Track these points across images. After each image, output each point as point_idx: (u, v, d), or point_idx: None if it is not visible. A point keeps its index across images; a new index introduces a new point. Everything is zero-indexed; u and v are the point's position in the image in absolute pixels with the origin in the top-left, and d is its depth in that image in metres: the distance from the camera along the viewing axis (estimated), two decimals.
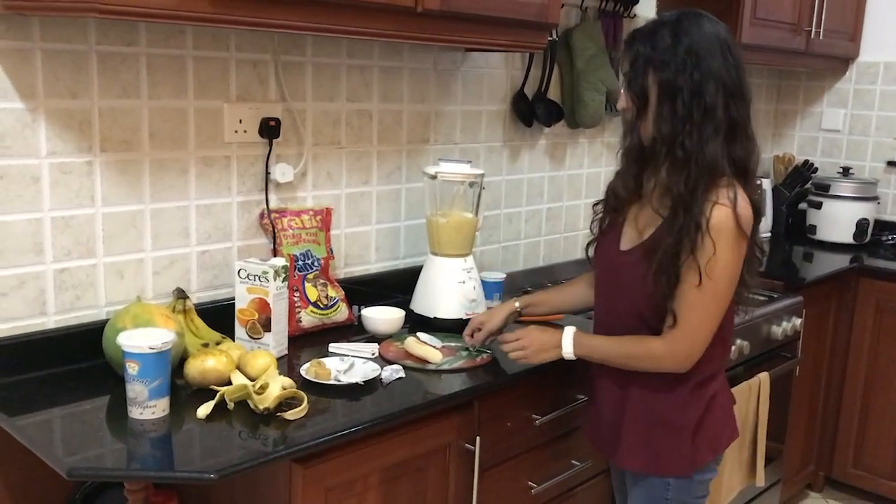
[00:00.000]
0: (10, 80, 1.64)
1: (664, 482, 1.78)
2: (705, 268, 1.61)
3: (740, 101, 1.64)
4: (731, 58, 1.63)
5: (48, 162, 1.71)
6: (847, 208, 3.50)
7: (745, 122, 1.65)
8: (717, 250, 1.60)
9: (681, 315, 1.65)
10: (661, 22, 1.67)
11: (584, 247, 1.92)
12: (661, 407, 1.75)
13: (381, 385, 1.76)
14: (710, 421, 1.77)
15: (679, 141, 1.62)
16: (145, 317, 1.69)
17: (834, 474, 3.39)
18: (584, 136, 2.94)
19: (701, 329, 1.66)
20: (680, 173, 1.63)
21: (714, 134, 1.62)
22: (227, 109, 1.97)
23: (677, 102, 1.62)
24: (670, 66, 1.61)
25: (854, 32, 3.64)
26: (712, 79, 1.61)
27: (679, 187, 1.63)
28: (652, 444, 1.77)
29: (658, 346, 1.69)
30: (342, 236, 2.27)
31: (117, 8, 1.42)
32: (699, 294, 1.63)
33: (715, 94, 1.61)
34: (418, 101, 2.39)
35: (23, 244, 1.71)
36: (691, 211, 1.61)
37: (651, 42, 1.64)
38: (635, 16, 2.91)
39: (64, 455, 1.42)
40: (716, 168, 1.62)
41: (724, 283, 1.64)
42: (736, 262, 1.64)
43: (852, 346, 3.26)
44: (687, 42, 1.61)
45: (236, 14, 1.57)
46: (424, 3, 1.83)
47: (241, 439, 1.52)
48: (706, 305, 1.65)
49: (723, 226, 1.61)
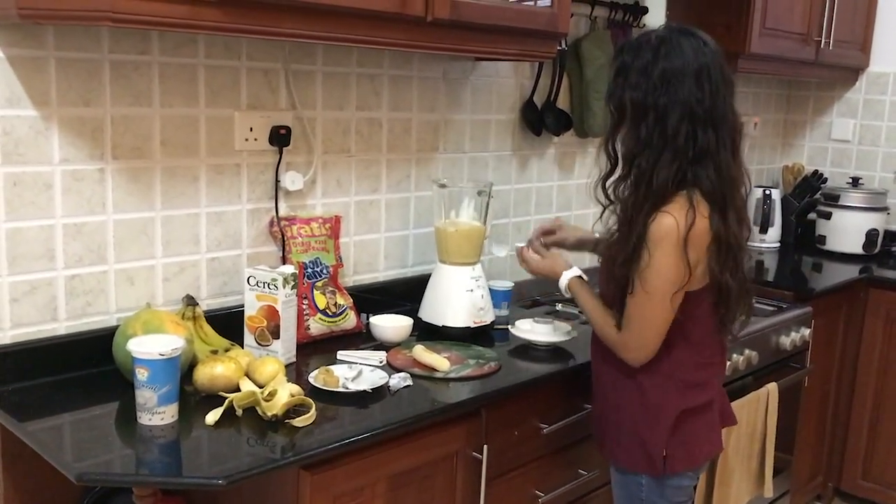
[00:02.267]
0: (23, 88, 1.66)
1: (637, 480, 1.82)
2: (639, 276, 1.67)
3: (711, 128, 1.64)
4: (707, 85, 1.64)
5: (61, 169, 1.73)
6: (857, 219, 3.49)
7: (715, 150, 1.65)
8: (651, 258, 1.65)
9: (625, 317, 1.74)
10: (647, 38, 1.69)
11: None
12: (643, 402, 1.78)
13: (388, 393, 1.76)
14: (689, 430, 1.79)
15: (636, 162, 1.68)
16: (155, 323, 1.70)
17: (843, 486, 3.37)
18: (593, 146, 2.94)
19: (640, 330, 1.73)
20: (630, 193, 1.70)
21: (671, 160, 1.64)
22: (237, 117, 1.98)
23: (642, 125, 1.66)
24: (642, 87, 1.66)
25: (864, 42, 3.64)
26: (679, 106, 1.63)
27: (626, 206, 1.70)
28: (628, 440, 1.81)
29: (614, 335, 1.78)
30: (351, 244, 2.28)
31: (130, 17, 1.44)
32: (634, 301, 1.70)
33: (679, 122, 1.63)
34: (428, 109, 2.40)
35: (35, 250, 1.72)
36: (632, 229, 1.67)
37: (633, 57, 1.68)
38: (644, 25, 2.91)
39: (73, 460, 1.43)
40: (664, 193, 1.65)
41: (660, 289, 1.67)
42: (674, 269, 1.66)
43: (861, 357, 3.25)
44: (662, 66, 1.64)
45: (248, 23, 1.58)
46: (434, 12, 1.84)
47: (250, 446, 1.52)
48: (641, 309, 1.71)
49: (663, 233, 1.64)
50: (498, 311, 2.30)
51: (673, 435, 1.77)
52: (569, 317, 2.42)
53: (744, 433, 2.44)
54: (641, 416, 1.79)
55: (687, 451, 1.80)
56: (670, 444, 1.77)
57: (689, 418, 1.79)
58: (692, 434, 1.80)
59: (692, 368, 1.79)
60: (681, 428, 1.78)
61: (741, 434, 2.43)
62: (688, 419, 1.79)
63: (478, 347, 2.07)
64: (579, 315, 2.46)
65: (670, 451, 1.78)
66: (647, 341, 1.73)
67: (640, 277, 1.67)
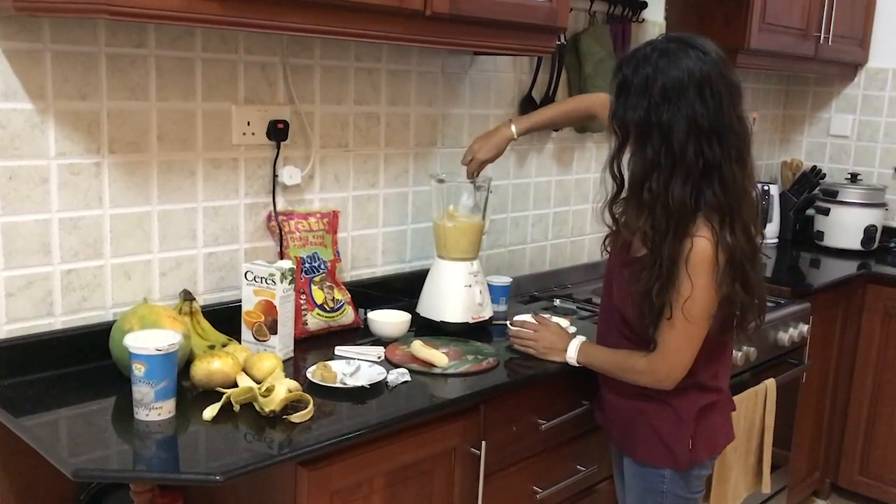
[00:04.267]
0: (19, 81, 1.65)
1: (660, 474, 1.83)
2: (681, 305, 1.65)
3: (716, 141, 1.61)
4: (709, 96, 1.60)
5: (57, 163, 1.72)
6: (855, 215, 3.49)
7: (720, 164, 1.62)
8: (694, 287, 1.64)
9: (660, 341, 1.72)
10: (646, 53, 1.65)
11: (603, 239, 1.90)
12: (662, 404, 1.79)
13: (386, 388, 1.76)
14: (709, 423, 1.82)
15: (647, 185, 1.64)
16: (152, 318, 1.69)
17: (840, 482, 3.38)
18: (591, 141, 2.93)
19: (679, 355, 1.72)
20: (641, 214, 1.66)
21: (684, 178, 1.62)
22: (235, 111, 1.97)
23: (647, 146, 1.63)
24: (644, 105, 1.62)
25: (863, 38, 3.64)
26: (683, 121, 1.60)
27: (646, 228, 1.66)
28: (648, 437, 1.82)
29: (641, 363, 1.76)
30: (349, 239, 2.27)
31: (127, 9, 1.43)
32: (674, 329, 1.69)
33: (685, 137, 1.60)
34: (426, 104, 2.39)
35: (31, 245, 1.71)
36: (662, 251, 1.65)
37: (633, 72, 1.65)
38: (644, 20, 2.91)
39: (69, 456, 1.42)
40: (684, 212, 1.63)
41: (702, 315, 1.67)
42: (711, 292, 1.65)
43: (859, 353, 3.25)
44: (662, 81, 1.61)
45: (245, 16, 1.57)
46: (433, 6, 1.83)
47: (247, 441, 1.52)
48: (680, 336, 1.70)
49: (703, 258, 1.63)
50: (496, 307, 2.29)
51: (695, 431, 1.79)
52: (567, 312, 2.42)
53: (742, 429, 2.44)
54: (661, 416, 1.80)
55: (709, 441, 1.83)
56: (694, 440, 1.79)
57: (707, 414, 1.81)
58: (711, 426, 1.83)
59: (708, 371, 1.80)
60: (701, 423, 1.80)
61: (739, 430, 2.42)
62: (706, 415, 1.81)
63: (476, 343, 2.06)
64: (577, 310, 2.47)
65: (694, 445, 1.80)
66: (683, 365, 1.73)
67: (682, 307, 1.65)
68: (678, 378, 1.74)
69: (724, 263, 1.65)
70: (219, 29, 1.81)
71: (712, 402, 1.82)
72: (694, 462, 1.81)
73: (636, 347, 1.78)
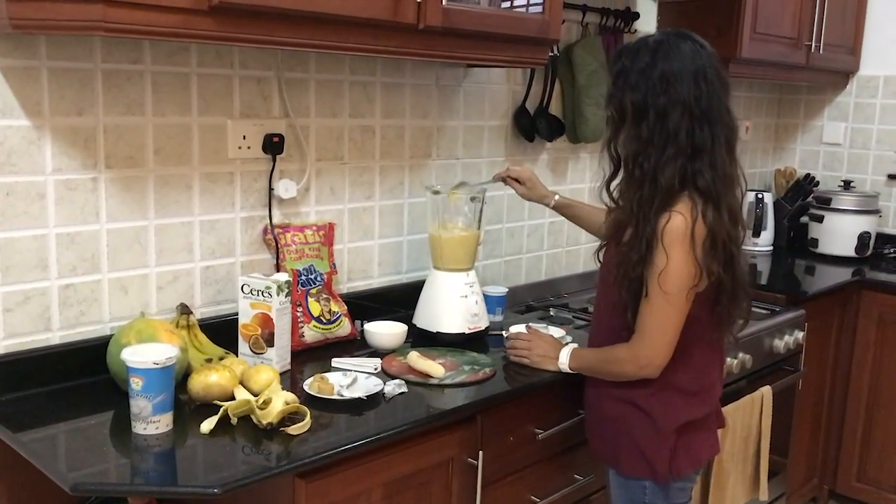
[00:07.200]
0: (16, 97, 1.66)
1: (641, 485, 1.83)
2: (657, 279, 1.67)
3: (708, 126, 1.67)
4: (704, 85, 1.67)
5: (53, 178, 1.73)
6: (849, 222, 3.50)
7: (710, 148, 1.68)
8: (669, 260, 1.66)
9: (639, 323, 1.74)
10: (645, 42, 1.74)
11: (597, 249, 1.91)
12: (643, 415, 1.79)
13: (383, 400, 1.76)
14: (691, 439, 1.81)
15: (639, 161, 1.70)
16: (149, 332, 1.70)
17: (838, 488, 3.38)
18: (585, 151, 2.95)
19: (658, 334, 1.72)
20: (634, 192, 1.71)
21: (674, 157, 1.67)
22: (230, 126, 1.98)
23: (643, 125, 1.69)
24: (642, 88, 1.69)
25: (854, 46, 3.66)
26: (679, 104, 1.66)
27: (632, 204, 1.71)
28: (629, 450, 1.82)
29: (622, 351, 1.78)
30: (345, 251, 2.28)
31: (123, 26, 1.44)
32: (650, 306, 1.70)
33: (679, 119, 1.66)
34: (420, 116, 2.41)
35: (28, 260, 1.72)
36: (642, 228, 1.69)
37: (632, 61, 1.71)
38: (636, 31, 2.93)
39: (68, 470, 1.43)
40: (671, 190, 1.67)
41: (677, 289, 1.68)
42: (688, 267, 1.67)
43: (855, 360, 3.26)
44: (661, 67, 1.68)
45: (240, 32, 1.58)
46: (426, 20, 1.85)
47: (245, 454, 1.52)
48: (659, 314, 1.71)
49: (678, 234, 1.66)
50: (492, 317, 2.30)
51: (676, 446, 1.79)
52: (563, 321, 2.43)
53: (739, 437, 2.45)
54: (642, 430, 1.80)
55: (691, 456, 1.83)
56: (674, 454, 1.79)
57: (689, 430, 1.81)
58: (694, 442, 1.83)
59: (689, 376, 1.79)
60: (683, 439, 1.80)
61: (736, 437, 2.43)
62: (688, 431, 1.80)
63: (472, 353, 2.07)
64: (573, 320, 2.48)
65: (675, 460, 1.79)
66: (663, 347, 1.72)
67: (657, 281, 1.67)
68: (661, 364, 1.73)
69: (706, 239, 1.67)
70: (214, 44, 1.82)
71: (695, 420, 1.81)
72: (675, 475, 1.80)
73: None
